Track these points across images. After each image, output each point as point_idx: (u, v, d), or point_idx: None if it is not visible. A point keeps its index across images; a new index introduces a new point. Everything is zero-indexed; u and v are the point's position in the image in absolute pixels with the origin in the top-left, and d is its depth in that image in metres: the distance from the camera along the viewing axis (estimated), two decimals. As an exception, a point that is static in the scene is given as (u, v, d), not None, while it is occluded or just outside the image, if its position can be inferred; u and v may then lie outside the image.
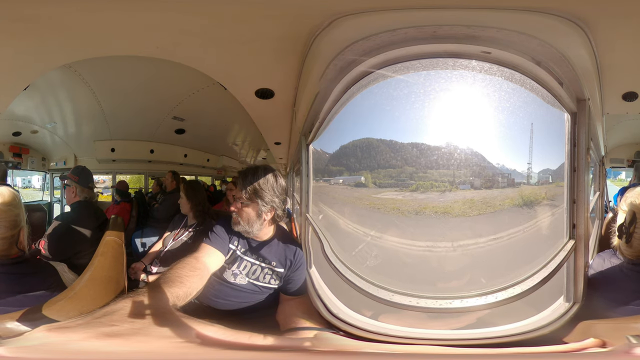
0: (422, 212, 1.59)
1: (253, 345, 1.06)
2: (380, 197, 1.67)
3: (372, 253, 1.65)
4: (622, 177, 3.72)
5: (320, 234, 1.79)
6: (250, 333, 1.08)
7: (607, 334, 1.33)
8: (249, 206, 1.75)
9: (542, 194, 1.67)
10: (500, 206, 1.59)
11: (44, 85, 2.98)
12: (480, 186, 1.57)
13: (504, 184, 1.61)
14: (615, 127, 3.15)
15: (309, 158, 1.95)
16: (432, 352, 1.35)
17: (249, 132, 3.83)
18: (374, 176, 1.69)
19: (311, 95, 1.79)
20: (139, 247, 3.29)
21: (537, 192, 1.65)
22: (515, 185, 1.62)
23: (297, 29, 1.52)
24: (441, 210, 1.57)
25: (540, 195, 1.67)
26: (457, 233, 1.57)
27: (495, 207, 1.59)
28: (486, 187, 1.57)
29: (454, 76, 1.56)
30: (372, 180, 1.69)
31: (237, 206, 1.77)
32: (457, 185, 1.56)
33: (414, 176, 1.61)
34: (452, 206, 1.56)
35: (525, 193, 1.63)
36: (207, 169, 4.33)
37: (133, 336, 0.93)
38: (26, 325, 1.31)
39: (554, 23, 1.37)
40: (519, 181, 1.63)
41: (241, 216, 1.76)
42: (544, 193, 1.67)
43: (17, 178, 3.90)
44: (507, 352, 1.36)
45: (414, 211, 1.60)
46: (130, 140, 3.85)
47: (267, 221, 1.79)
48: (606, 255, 1.78)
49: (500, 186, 1.60)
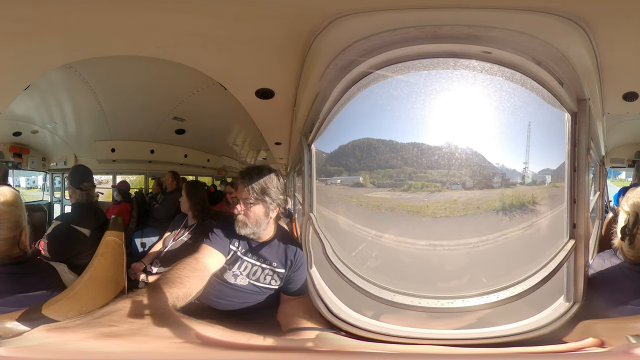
0: (396, 209, 1.63)
1: (254, 345, 1.06)
2: (370, 196, 1.70)
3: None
4: (622, 177, 3.72)
5: (321, 234, 1.79)
6: (250, 334, 1.08)
7: (607, 333, 1.33)
8: (257, 205, 1.74)
9: (529, 197, 1.63)
10: (478, 209, 1.58)
11: (45, 85, 2.98)
12: (472, 186, 1.57)
13: (498, 184, 1.60)
14: (616, 127, 3.14)
15: (312, 158, 1.95)
16: (434, 352, 1.35)
17: (249, 132, 3.83)
18: (373, 176, 1.70)
19: (311, 95, 1.79)
20: (139, 247, 3.29)
21: (525, 195, 1.62)
22: (510, 186, 1.61)
23: (298, 29, 1.52)
24: (415, 209, 1.59)
25: (527, 198, 1.63)
26: (408, 230, 1.61)
27: (470, 210, 1.58)
28: (479, 187, 1.56)
29: (455, 76, 1.55)
30: (371, 180, 1.71)
31: (243, 207, 1.75)
32: (450, 186, 1.56)
33: (413, 176, 1.61)
34: (428, 206, 1.57)
35: (509, 194, 1.60)
36: (208, 169, 4.33)
37: (132, 336, 0.93)
38: (26, 325, 1.31)
39: (554, 23, 1.37)
40: (515, 181, 1.62)
41: (249, 217, 1.74)
42: (532, 195, 1.63)
43: (20, 178, 3.90)
44: (504, 352, 1.37)
45: (390, 208, 1.64)
46: (130, 140, 3.85)
47: (272, 220, 1.79)
48: (606, 255, 1.77)
49: (495, 187, 1.59)
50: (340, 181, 1.84)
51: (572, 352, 1.29)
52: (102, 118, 3.57)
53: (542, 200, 1.64)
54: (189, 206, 2.65)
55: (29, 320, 1.34)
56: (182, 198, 2.67)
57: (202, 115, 3.60)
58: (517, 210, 1.61)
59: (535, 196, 1.63)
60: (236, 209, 1.76)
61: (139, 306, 1.06)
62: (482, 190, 1.57)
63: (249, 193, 1.73)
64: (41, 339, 0.89)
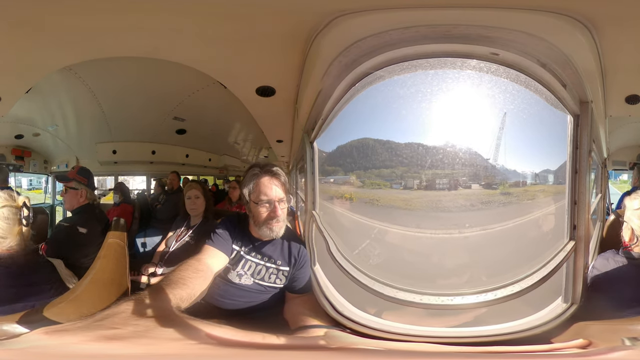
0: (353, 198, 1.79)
1: (266, 344, 1.05)
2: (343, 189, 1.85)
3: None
4: (623, 179, 3.72)
5: (324, 231, 1.78)
6: (263, 333, 1.07)
7: (600, 335, 1.34)
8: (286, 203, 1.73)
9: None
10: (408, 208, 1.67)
11: (46, 88, 2.99)
12: (418, 186, 1.61)
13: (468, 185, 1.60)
14: (618, 129, 3.14)
15: (314, 156, 1.94)
16: (439, 350, 1.34)
17: (250, 130, 3.83)
18: (367, 175, 1.73)
19: (314, 93, 1.78)
20: (140, 248, 3.30)
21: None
22: (492, 188, 1.62)
23: (298, 26, 1.51)
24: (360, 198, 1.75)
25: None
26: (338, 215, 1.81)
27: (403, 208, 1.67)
28: (425, 188, 1.60)
29: (462, 77, 1.55)
30: (362, 179, 1.76)
31: (282, 208, 1.70)
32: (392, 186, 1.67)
33: (404, 176, 1.64)
34: (377, 199, 1.72)
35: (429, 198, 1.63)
36: (209, 168, 4.34)
37: (138, 339, 0.91)
38: (26, 327, 1.30)
39: (562, 24, 1.35)
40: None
41: (282, 216, 1.70)
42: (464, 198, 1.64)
43: (22, 179, 3.92)
44: (489, 350, 1.37)
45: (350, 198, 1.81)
46: (131, 141, 3.86)
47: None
48: (609, 255, 1.79)
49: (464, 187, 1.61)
50: (334, 180, 1.87)
51: (554, 352, 1.29)
52: (102, 120, 3.57)
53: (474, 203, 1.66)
54: (205, 207, 2.63)
55: (29, 322, 1.33)
56: (197, 200, 2.63)
57: (203, 114, 3.60)
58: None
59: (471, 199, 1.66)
60: (276, 212, 1.67)
61: (143, 308, 1.04)
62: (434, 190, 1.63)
63: (286, 192, 1.70)
64: (37, 342, 0.88)
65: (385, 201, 1.69)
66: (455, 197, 1.58)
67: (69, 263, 1.93)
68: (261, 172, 1.71)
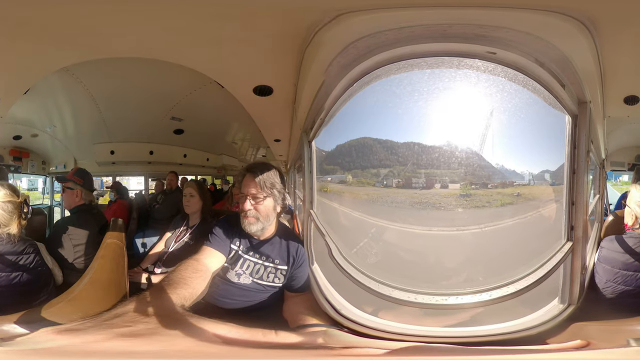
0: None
1: (267, 342, 1.06)
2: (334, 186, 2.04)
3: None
4: (624, 180, 3.72)
5: (322, 230, 1.79)
6: (263, 330, 1.08)
7: (598, 335, 1.35)
8: (267, 199, 1.73)
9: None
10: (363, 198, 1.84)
11: (44, 89, 2.97)
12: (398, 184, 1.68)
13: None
14: (617, 130, 3.14)
15: (312, 155, 1.94)
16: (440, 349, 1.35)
17: (248, 130, 3.82)
18: (363, 174, 1.82)
19: (312, 92, 1.78)
20: (140, 248, 3.29)
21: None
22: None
23: (296, 25, 1.50)
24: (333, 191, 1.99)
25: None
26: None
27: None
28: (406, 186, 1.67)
29: (459, 75, 1.55)
30: (357, 178, 1.87)
31: (254, 203, 1.72)
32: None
33: (401, 174, 1.69)
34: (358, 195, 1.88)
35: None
36: (207, 168, 4.33)
37: (152, 336, 0.92)
38: (24, 327, 1.30)
39: (561, 24, 1.35)
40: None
41: (260, 212, 1.72)
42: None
43: (23, 179, 3.91)
44: (485, 349, 1.37)
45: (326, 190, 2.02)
46: (129, 142, 3.85)
47: (276, 215, 1.79)
48: (614, 237, 1.87)
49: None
50: (330, 179, 1.94)
51: (551, 353, 1.29)
52: (100, 121, 3.56)
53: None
54: (200, 207, 2.64)
55: (28, 322, 1.33)
56: (192, 199, 2.64)
57: (200, 114, 3.59)
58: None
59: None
60: (245, 205, 1.73)
61: (150, 307, 1.05)
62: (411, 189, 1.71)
63: (260, 188, 1.72)
64: (50, 342, 0.88)
65: (350, 194, 1.90)
66: (419, 196, 1.66)
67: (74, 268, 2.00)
68: (243, 170, 1.79)
